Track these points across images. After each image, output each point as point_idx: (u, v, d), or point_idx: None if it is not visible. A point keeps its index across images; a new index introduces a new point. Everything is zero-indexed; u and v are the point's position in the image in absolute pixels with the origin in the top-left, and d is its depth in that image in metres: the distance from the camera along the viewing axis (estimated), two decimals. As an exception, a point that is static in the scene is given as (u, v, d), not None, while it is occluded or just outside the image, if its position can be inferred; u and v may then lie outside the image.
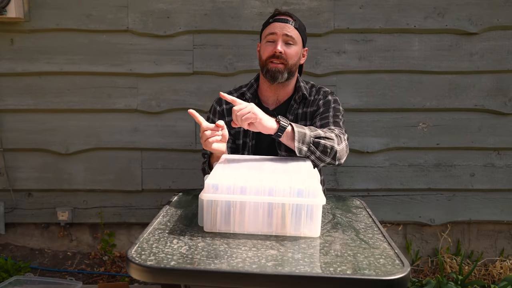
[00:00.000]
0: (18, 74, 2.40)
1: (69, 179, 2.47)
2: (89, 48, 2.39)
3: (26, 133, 2.43)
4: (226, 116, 1.80)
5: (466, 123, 2.44)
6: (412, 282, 2.32)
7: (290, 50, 1.68)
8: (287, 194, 1.15)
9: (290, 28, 1.68)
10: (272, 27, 1.69)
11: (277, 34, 1.67)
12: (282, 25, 1.68)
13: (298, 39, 1.71)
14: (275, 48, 1.66)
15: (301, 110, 1.79)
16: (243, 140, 1.80)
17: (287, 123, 1.49)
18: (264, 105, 1.79)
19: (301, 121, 1.78)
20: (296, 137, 1.48)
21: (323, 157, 1.54)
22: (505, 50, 2.39)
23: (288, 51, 1.68)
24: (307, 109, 1.79)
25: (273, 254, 1.05)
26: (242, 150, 1.81)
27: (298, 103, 1.79)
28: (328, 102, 1.76)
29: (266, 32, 1.71)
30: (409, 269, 0.99)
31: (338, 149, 1.55)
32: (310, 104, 1.79)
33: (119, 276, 2.41)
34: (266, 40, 1.70)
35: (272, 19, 1.72)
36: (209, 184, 1.16)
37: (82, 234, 2.56)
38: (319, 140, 1.51)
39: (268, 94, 1.79)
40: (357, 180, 2.47)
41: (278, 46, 1.66)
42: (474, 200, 2.49)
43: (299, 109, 1.78)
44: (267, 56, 1.69)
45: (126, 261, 1.01)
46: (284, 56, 1.67)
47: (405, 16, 2.37)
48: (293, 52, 1.69)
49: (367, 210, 1.48)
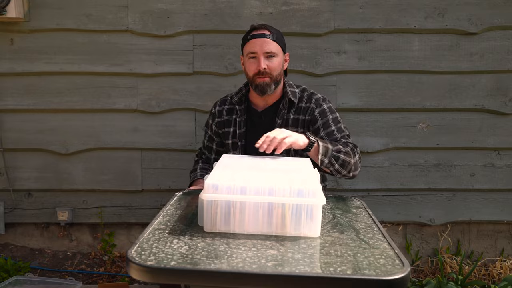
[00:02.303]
0: (18, 74, 2.40)
1: (69, 179, 2.47)
2: (89, 48, 2.39)
3: (26, 133, 2.43)
4: (217, 116, 1.95)
5: (466, 123, 2.44)
6: (412, 282, 2.32)
7: (273, 64, 1.77)
8: (287, 194, 1.15)
9: (269, 43, 1.76)
10: (252, 45, 1.77)
11: (257, 52, 1.76)
12: (260, 41, 1.76)
13: (278, 50, 1.79)
14: (259, 66, 1.76)
15: (292, 115, 1.85)
16: (233, 141, 1.90)
17: (315, 139, 1.62)
18: (253, 107, 1.90)
19: (292, 127, 1.84)
20: (320, 151, 1.61)
21: (340, 169, 1.68)
22: (505, 50, 2.39)
23: (271, 65, 1.77)
24: (299, 116, 1.85)
25: (273, 254, 1.05)
26: (232, 150, 1.91)
27: (287, 108, 1.85)
28: (324, 112, 1.83)
29: (247, 50, 1.79)
30: (409, 269, 0.99)
31: (352, 163, 1.69)
32: (302, 111, 1.85)
33: (119, 276, 2.41)
34: (249, 57, 1.79)
35: (250, 36, 1.79)
36: (209, 184, 1.16)
37: (82, 234, 2.56)
38: (339, 154, 1.65)
39: (257, 100, 1.89)
40: (357, 180, 2.47)
41: (261, 64, 1.75)
42: (474, 200, 2.49)
43: (289, 114, 1.85)
44: (253, 73, 1.78)
45: (126, 261, 1.01)
46: (268, 70, 1.77)
47: (405, 16, 2.37)
48: (275, 64, 1.78)
49: (367, 210, 1.48)
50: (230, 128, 1.91)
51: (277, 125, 1.83)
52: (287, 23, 2.37)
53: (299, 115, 1.85)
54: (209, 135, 2.01)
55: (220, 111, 1.95)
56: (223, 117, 1.93)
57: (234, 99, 1.92)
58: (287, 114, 1.85)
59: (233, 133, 1.90)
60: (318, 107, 1.84)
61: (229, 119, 1.92)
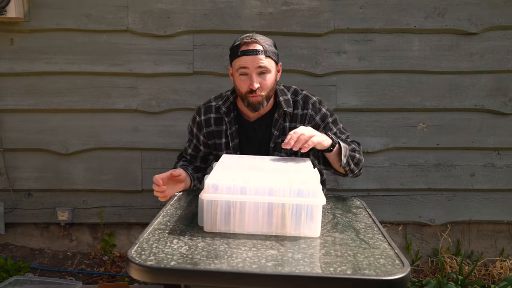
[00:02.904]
0: (18, 74, 2.40)
1: (69, 179, 2.47)
2: (89, 48, 2.39)
3: (26, 133, 2.43)
4: (204, 127, 1.82)
5: (466, 123, 2.44)
6: (412, 282, 2.32)
7: (266, 81, 1.67)
8: (287, 194, 1.15)
9: (261, 60, 1.64)
10: (242, 61, 1.65)
11: (249, 68, 1.64)
12: (252, 58, 1.63)
13: (271, 65, 1.68)
14: (252, 85, 1.64)
15: (288, 124, 1.77)
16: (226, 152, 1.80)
17: (337, 139, 1.60)
18: (244, 117, 1.80)
19: None
20: (342, 151, 1.60)
21: (354, 168, 1.69)
22: (505, 50, 2.39)
23: (264, 82, 1.66)
24: (297, 123, 1.76)
25: (273, 254, 1.05)
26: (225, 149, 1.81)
27: (283, 117, 1.77)
28: (324, 117, 1.78)
29: (237, 65, 1.67)
30: (409, 269, 0.99)
31: (363, 161, 1.72)
32: (300, 119, 1.77)
33: (119, 276, 2.41)
34: (239, 73, 1.67)
35: (240, 52, 1.65)
36: (209, 184, 1.16)
37: (82, 234, 2.56)
38: (354, 153, 1.66)
39: (248, 111, 1.77)
40: (357, 180, 2.47)
41: (254, 84, 1.64)
42: (474, 200, 2.49)
43: (285, 122, 1.77)
44: (245, 91, 1.67)
45: (126, 261, 1.01)
46: (261, 88, 1.66)
47: (405, 16, 2.37)
48: (269, 81, 1.68)
49: (367, 210, 1.48)
50: (222, 139, 1.81)
51: (274, 137, 1.76)
52: (287, 23, 2.37)
53: (297, 122, 1.77)
54: (194, 144, 1.89)
55: (207, 121, 1.82)
56: (211, 127, 1.82)
57: (221, 109, 1.79)
58: (283, 123, 1.77)
59: (226, 144, 1.80)
60: (318, 112, 1.77)
61: (219, 130, 1.81)
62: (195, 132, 1.86)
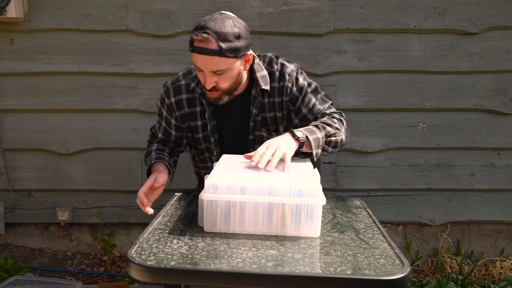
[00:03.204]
0: (18, 74, 2.40)
1: (69, 179, 2.47)
2: (89, 48, 2.39)
3: (26, 133, 2.43)
4: (176, 110, 1.68)
5: (466, 123, 2.44)
6: (412, 282, 2.32)
7: (222, 80, 1.49)
8: (287, 194, 1.15)
9: (213, 62, 1.43)
10: (195, 59, 1.46)
11: (202, 69, 1.47)
12: (203, 58, 1.43)
13: (228, 63, 1.46)
14: (205, 84, 1.49)
15: (267, 99, 1.65)
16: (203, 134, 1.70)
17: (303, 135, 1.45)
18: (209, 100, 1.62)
19: (270, 113, 1.66)
20: (313, 146, 1.47)
21: (333, 150, 1.59)
22: (505, 50, 2.39)
23: (220, 81, 1.49)
24: (275, 98, 1.64)
25: (273, 254, 1.05)
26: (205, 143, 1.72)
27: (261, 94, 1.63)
28: (301, 88, 1.63)
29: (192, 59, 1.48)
30: (409, 269, 0.99)
31: (344, 138, 1.59)
32: (278, 93, 1.64)
33: (119, 276, 2.41)
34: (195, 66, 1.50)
35: (192, 47, 1.45)
36: (209, 184, 1.16)
37: (82, 234, 2.56)
38: (330, 139, 1.55)
39: None
40: (357, 180, 2.47)
41: (207, 84, 1.48)
42: (474, 200, 2.49)
43: (264, 98, 1.64)
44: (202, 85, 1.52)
45: (126, 261, 1.01)
46: (218, 87, 1.51)
47: (405, 16, 2.37)
48: (226, 80, 1.50)
49: (367, 210, 1.48)
50: (197, 122, 1.68)
51: (253, 115, 1.64)
52: (287, 23, 2.37)
53: (275, 97, 1.64)
54: (164, 128, 1.75)
55: (179, 103, 1.66)
56: (184, 109, 1.67)
57: (196, 91, 1.63)
58: (262, 99, 1.64)
59: (203, 126, 1.68)
60: (295, 84, 1.63)
61: (193, 112, 1.67)
62: (165, 115, 1.72)
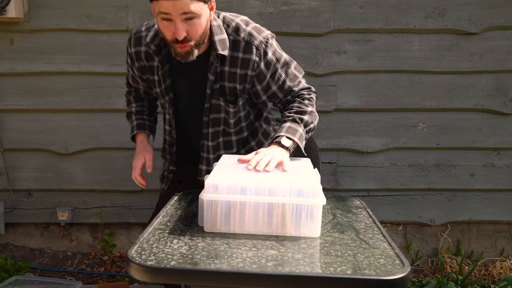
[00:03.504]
0: (18, 74, 2.40)
1: (69, 179, 2.47)
2: (89, 48, 2.39)
3: (26, 133, 2.43)
4: (136, 60, 1.60)
5: (466, 123, 2.44)
6: (412, 282, 2.32)
7: (195, 27, 1.36)
8: (287, 194, 1.15)
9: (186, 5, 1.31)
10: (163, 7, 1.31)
11: (172, 15, 1.32)
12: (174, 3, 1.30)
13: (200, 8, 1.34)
14: (176, 34, 1.35)
15: (228, 68, 1.52)
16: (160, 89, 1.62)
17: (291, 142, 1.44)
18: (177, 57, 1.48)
19: (229, 83, 1.54)
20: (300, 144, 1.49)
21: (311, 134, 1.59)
22: (505, 50, 2.39)
23: (192, 29, 1.36)
24: (237, 69, 1.51)
25: (273, 254, 1.05)
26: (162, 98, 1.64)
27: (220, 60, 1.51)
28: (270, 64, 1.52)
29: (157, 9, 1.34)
30: (409, 269, 0.99)
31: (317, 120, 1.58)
32: (241, 64, 1.50)
33: (119, 276, 2.41)
34: (161, 17, 1.35)
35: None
36: (209, 184, 1.16)
37: (82, 234, 2.56)
38: (309, 127, 1.54)
39: None
40: (357, 180, 2.47)
41: (179, 33, 1.34)
42: (474, 200, 2.49)
43: (224, 66, 1.52)
44: (170, 39, 1.39)
45: (126, 261, 1.01)
46: (189, 37, 1.37)
47: (405, 16, 2.37)
48: (198, 27, 1.37)
49: (367, 210, 1.48)
50: (154, 76, 1.59)
51: (209, 82, 1.52)
52: (287, 23, 2.37)
53: (237, 67, 1.51)
54: (131, 75, 1.68)
55: (138, 54, 1.58)
56: (142, 62, 1.59)
57: (151, 48, 1.52)
58: (221, 66, 1.51)
59: (159, 83, 1.59)
60: (263, 58, 1.50)
61: (150, 65, 1.58)
62: (129, 63, 1.65)
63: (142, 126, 1.78)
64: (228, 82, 1.54)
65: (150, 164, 1.70)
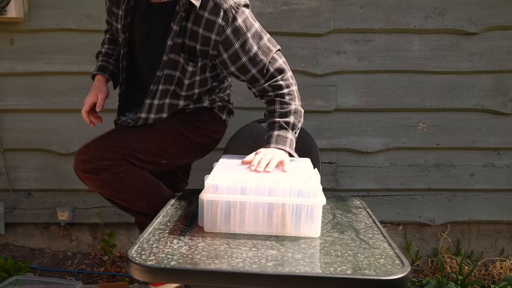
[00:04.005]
0: (18, 74, 2.40)
1: (69, 179, 2.47)
2: (89, 48, 2.38)
3: (26, 133, 2.43)
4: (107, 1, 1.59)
5: (466, 123, 2.44)
6: (412, 282, 2.32)
7: None
8: (287, 194, 1.15)
9: None
10: None
11: None
12: None
13: None
14: None
15: (190, 24, 1.42)
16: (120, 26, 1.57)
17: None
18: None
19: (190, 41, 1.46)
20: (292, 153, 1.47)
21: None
22: (505, 50, 2.39)
23: None
24: (199, 29, 1.42)
25: (273, 254, 1.05)
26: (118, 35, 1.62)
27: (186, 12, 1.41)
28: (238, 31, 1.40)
29: None
30: (409, 269, 0.99)
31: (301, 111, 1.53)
32: (205, 25, 1.41)
33: (119, 276, 2.41)
34: None
35: None
36: (209, 184, 1.16)
37: (82, 234, 2.56)
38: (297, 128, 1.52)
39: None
40: (357, 180, 2.47)
41: None
42: (474, 200, 2.50)
43: (188, 21, 1.42)
44: None
45: (126, 261, 1.01)
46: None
47: (405, 16, 2.37)
48: None
49: (367, 210, 1.48)
50: (119, 10, 1.52)
51: (172, 33, 1.43)
52: (287, 23, 2.37)
53: (199, 27, 1.41)
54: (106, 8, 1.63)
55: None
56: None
57: None
58: (186, 21, 1.41)
59: (121, 17, 1.52)
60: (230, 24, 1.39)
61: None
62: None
63: (104, 69, 1.72)
64: (189, 40, 1.45)
65: (101, 103, 1.68)
